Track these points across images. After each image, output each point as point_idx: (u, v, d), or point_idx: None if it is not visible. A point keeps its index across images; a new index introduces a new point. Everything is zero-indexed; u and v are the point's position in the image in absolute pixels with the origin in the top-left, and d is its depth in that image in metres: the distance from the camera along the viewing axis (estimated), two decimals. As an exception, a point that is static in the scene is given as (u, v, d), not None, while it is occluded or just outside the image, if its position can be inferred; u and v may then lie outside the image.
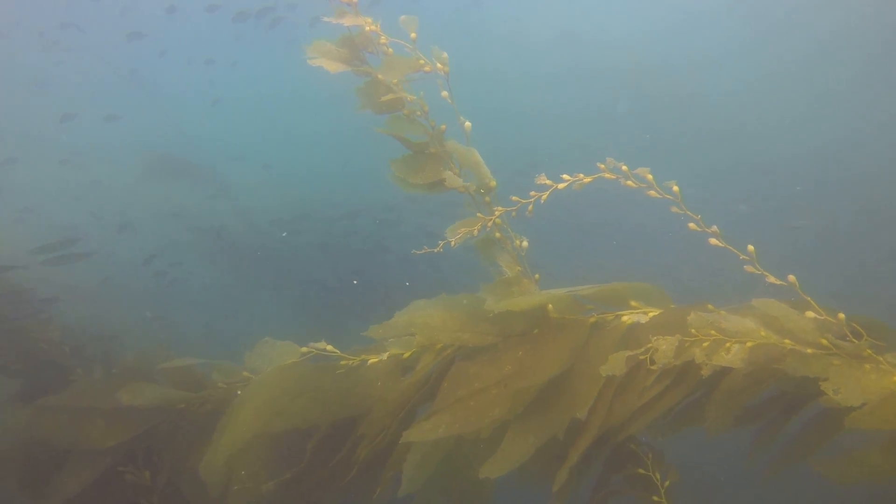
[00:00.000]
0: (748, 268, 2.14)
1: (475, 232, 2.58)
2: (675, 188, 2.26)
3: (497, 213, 2.63)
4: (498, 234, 2.81)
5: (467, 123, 2.74)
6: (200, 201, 12.94)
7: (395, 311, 2.52)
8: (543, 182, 2.37)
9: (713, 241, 2.20)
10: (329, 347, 2.59)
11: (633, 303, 2.75)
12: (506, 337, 2.70)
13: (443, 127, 2.84)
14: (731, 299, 2.51)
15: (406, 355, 2.59)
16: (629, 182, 2.36)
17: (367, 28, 2.80)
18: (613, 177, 2.41)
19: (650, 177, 2.32)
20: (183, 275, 10.90)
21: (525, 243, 2.73)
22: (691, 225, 2.25)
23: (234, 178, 14.19)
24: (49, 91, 18.54)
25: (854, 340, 1.93)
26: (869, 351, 1.90)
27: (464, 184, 2.80)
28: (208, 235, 11.64)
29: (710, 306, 2.54)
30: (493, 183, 2.75)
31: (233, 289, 11.27)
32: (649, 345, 2.09)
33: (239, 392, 2.94)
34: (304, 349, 2.64)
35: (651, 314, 2.67)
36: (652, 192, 2.31)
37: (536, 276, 2.82)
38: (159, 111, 18.34)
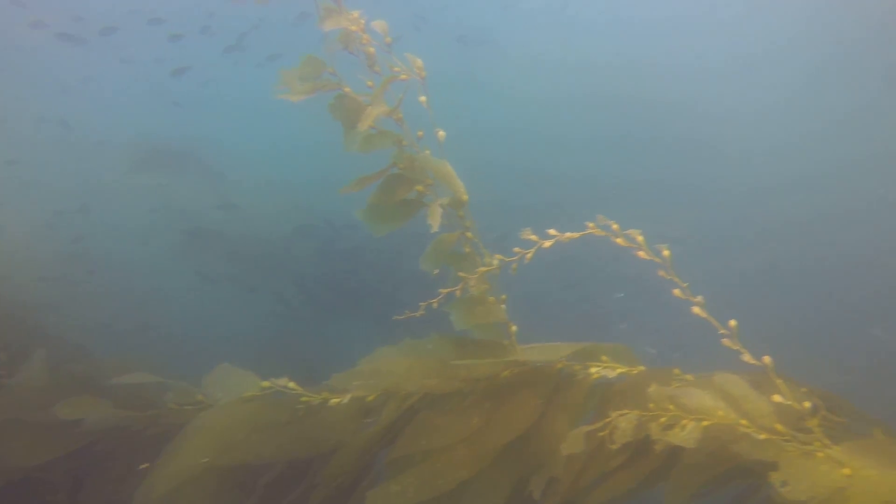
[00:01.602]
0: (726, 341, 2.22)
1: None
2: (666, 252, 2.31)
3: (492, 262, 2.70)
4: (468, 249, 2.89)
5: (441, 132, 2.76)
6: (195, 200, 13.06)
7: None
8: (529, 237, 2.44)
9: (696, 310, 2.26)
10: (291, 384, 2.66)
11: (603, 357, 2.89)
12: (473, 381, 2.80)
13: (420, 133, 2.87)
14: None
15: (370, 398, 2.67)
16: (619, 240, 2.41)
17: (353, 28, 2.81)
18: (602, 234, 2.47)
19: (640, 238, 2.37)
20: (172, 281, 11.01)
21: (496, 261, 2.76)
22: (676, 291, 2.30)
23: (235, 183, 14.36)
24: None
25: (812, 424, 2.08)
26: (823, 440, 2.05)
27: (440, 200, 2.80)
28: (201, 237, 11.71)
29: (676, 371, 2.68)
30: (466, 197, 2.80)
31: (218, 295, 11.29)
32: (608, 419, 2.21)
33: (191, 418, 2.97)
34: (266, 384, 2.70)
35: (618, 370, 2.81)
36: (641, 254, 2.36)
37: (503, 296, 2.87)
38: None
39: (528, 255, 2.47)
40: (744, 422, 2.11)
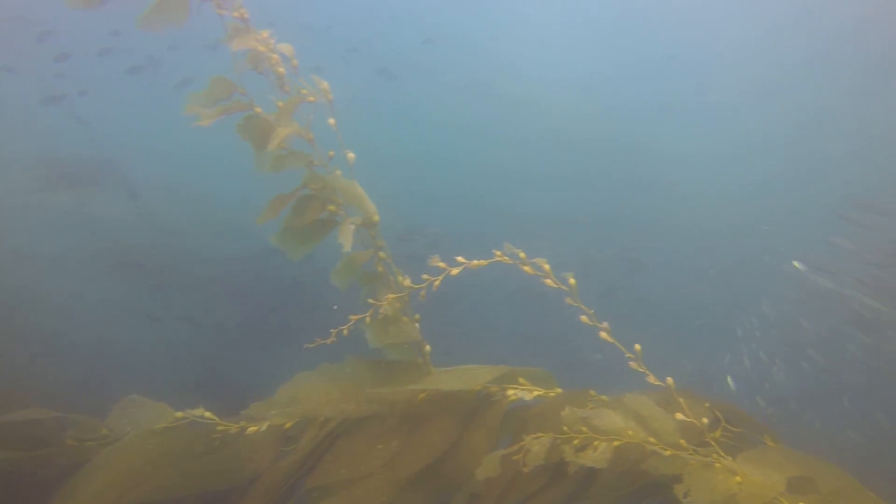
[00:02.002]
0: (632, 364, 2.37)
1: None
2: (572, 281, 2.43)
3: (404, 283, 2.74)
4: (381, 269, 2.91)
5: (350, 154, 2.77)
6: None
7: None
8: (437, 265, 2.50)
9: (603, 335, 2.39)
10: (207, 414, 2.58)
11: (521, 380, 2.99)
12: (391, 404, 2.82)
13: (331, 153, 2.88)
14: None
15: (288, 426, 2.64)
16: (526, 268, 2.52)
17: (261, 48, 2.79)
18: (510, 262, 2.58)
19: (547, 266, 2.47)
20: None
21: (408, 281, 2.77)
22: (583, 318, 2.42)
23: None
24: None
25: (712, 438, 2.26)
26: (719, 452, 2.23)
27: (351, 219, 2.81)
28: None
29: (592, 392, 2.82)
30: (377, 218, 2.83)
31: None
32: (522, 443, 2.30)
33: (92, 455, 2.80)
34: (179, 414, 2.61)
35: (535, 393, 2.91)
36: (548, 282, 2.46)
37: (417, 316, 2.91)
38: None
39: (436, 283, 2.54)
40: (652, 440, 2.27)
